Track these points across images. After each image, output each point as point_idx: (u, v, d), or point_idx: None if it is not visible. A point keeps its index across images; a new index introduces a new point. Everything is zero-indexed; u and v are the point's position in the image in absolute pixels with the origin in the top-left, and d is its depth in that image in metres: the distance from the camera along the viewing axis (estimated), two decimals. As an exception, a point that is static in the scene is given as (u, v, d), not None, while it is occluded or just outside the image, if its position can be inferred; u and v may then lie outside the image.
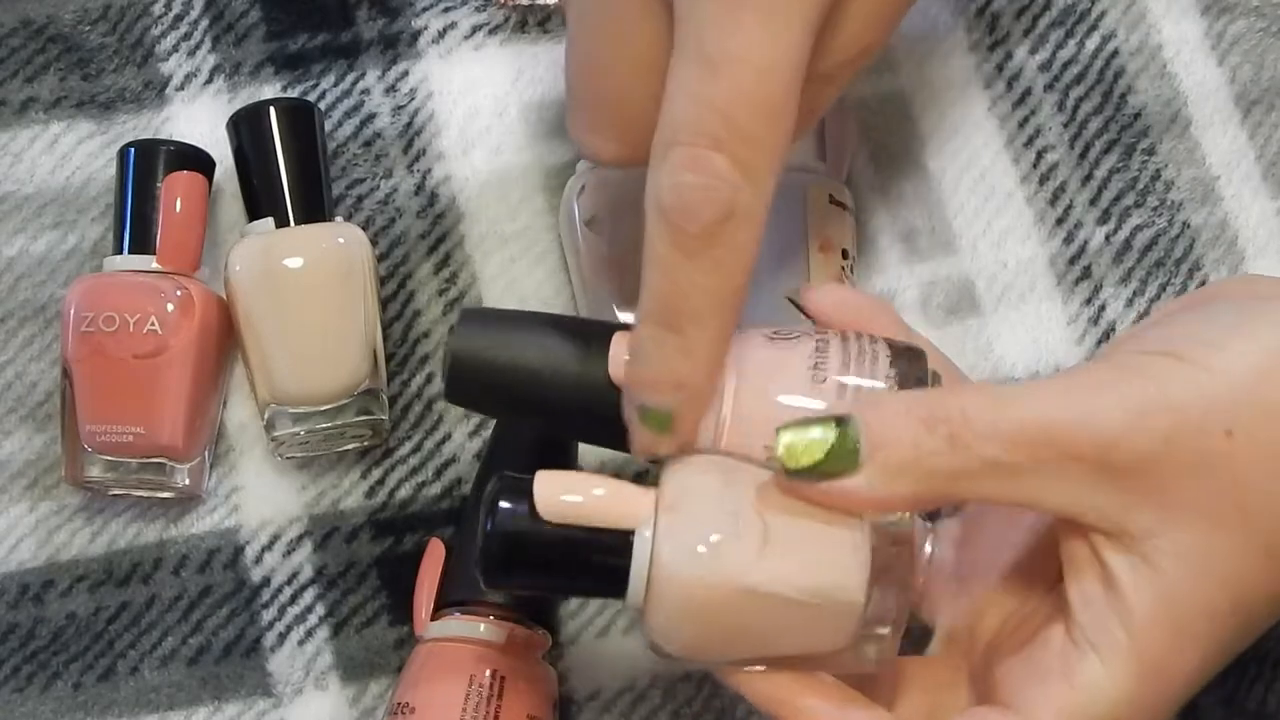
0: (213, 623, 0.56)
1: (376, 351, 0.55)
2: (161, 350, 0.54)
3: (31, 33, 0.60)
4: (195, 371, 0.54)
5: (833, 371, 0.43)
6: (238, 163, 0.57)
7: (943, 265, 0.59)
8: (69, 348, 0.54)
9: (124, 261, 0.55)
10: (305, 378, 0.55)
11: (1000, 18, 0.62)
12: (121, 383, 0.54)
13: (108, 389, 0.54)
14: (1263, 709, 0.56)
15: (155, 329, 0.54)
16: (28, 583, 0.56)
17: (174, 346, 0.54)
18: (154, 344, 0.54)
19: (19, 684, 0.55)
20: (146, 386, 0.54)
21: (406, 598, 0.55)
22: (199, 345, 0.54)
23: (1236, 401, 0.41)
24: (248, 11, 0.61)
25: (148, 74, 0.60)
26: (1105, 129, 0.61)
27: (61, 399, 0.55)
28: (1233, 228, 0.60)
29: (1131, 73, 0.61)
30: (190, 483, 0.55)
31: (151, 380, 0.54)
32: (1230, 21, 0.62)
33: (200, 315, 0.54)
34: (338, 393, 0.54)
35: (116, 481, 0.55)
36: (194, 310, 0.54)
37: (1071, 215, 0.60)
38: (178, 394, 0.54)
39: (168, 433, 0.54)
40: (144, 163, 0.56)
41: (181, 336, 0.54)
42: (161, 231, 0.55)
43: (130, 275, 0.55)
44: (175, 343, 0.54)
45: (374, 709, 0.55)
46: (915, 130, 0.61)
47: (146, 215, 0.55)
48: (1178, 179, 0.61)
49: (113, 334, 0.54)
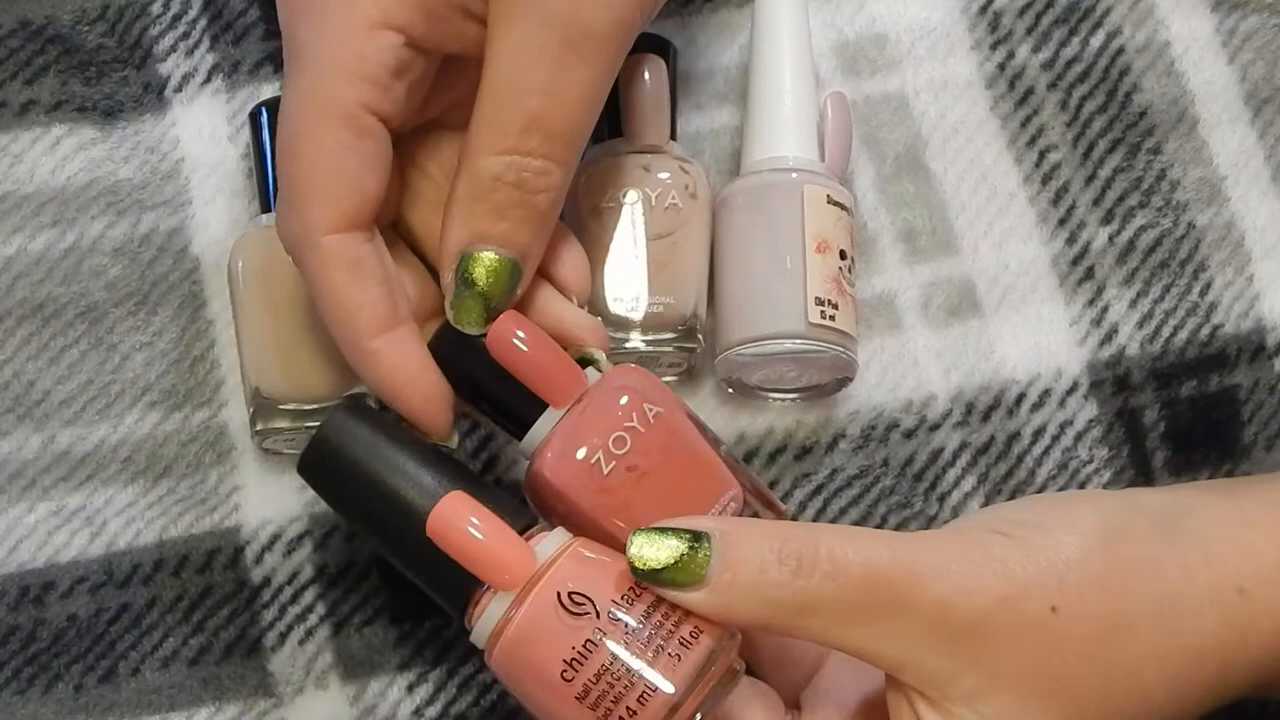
0: (213, 623, 0.57)
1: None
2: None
3: (30, 33, 0.61)
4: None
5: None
6: (255, 155, 0.59)
7: (944, 266, 0.61)
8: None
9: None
10: (296, 375, 0.56)
11: (1002, 16, 0.63)
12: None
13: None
14: (1264, 709, 0.57)
15: None
16: (28, 584, 0.57)
17: None
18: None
19: (20, 686, 0.57)
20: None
21: (407, 597, 0.57)
22: None
23: (1061, 578, 0.45)
24: (246, 10, 0.62)
25: (147, 74, 0.61)
26: (1109, 128, 0.62)
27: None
28: (1239, 228, 0.61)
29: (1137, 70, 0.62)
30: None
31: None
32: (1242, 18, 0.63)
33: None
34: (327, 393, 0.56)
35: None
36: None
37: (1074, 216, 0.61)
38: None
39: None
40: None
41: None
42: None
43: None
44: None
45: (374, 707, 0.57)
46: (916, 130, 0.62)
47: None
48: (1184, 179, 0.62)
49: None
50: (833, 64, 0.62)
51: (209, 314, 0.60)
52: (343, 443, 0.49)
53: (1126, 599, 0.46)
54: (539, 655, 0.46)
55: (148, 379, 0.59)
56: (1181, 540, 0.48)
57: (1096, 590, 0.46)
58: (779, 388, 0.59)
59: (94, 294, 0.60)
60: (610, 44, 0.50)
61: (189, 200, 0.61)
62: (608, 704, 0.46)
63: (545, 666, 0.46)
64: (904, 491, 0.59)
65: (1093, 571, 0.46)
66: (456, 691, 0.57)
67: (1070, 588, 0.46)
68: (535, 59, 0.48)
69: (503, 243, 0.50)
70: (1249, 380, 0.61)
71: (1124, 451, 0.60)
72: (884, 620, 0.45)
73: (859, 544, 0.46)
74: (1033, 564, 0.46)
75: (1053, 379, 0.60)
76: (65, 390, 0.59)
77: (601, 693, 0.46)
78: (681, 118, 0.61)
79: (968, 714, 0.46)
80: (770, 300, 0.56)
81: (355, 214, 0.49)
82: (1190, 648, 0.47)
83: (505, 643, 0.47)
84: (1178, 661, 0.47)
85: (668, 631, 0.46)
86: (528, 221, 0.50)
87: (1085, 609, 0.46)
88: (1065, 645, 0.46)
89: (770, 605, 0.46)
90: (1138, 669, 0.46)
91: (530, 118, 0.49)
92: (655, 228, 0.57)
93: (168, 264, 0.60)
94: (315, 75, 0.49)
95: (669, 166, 0.58)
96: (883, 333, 0.60)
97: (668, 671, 0.46)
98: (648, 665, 0.46)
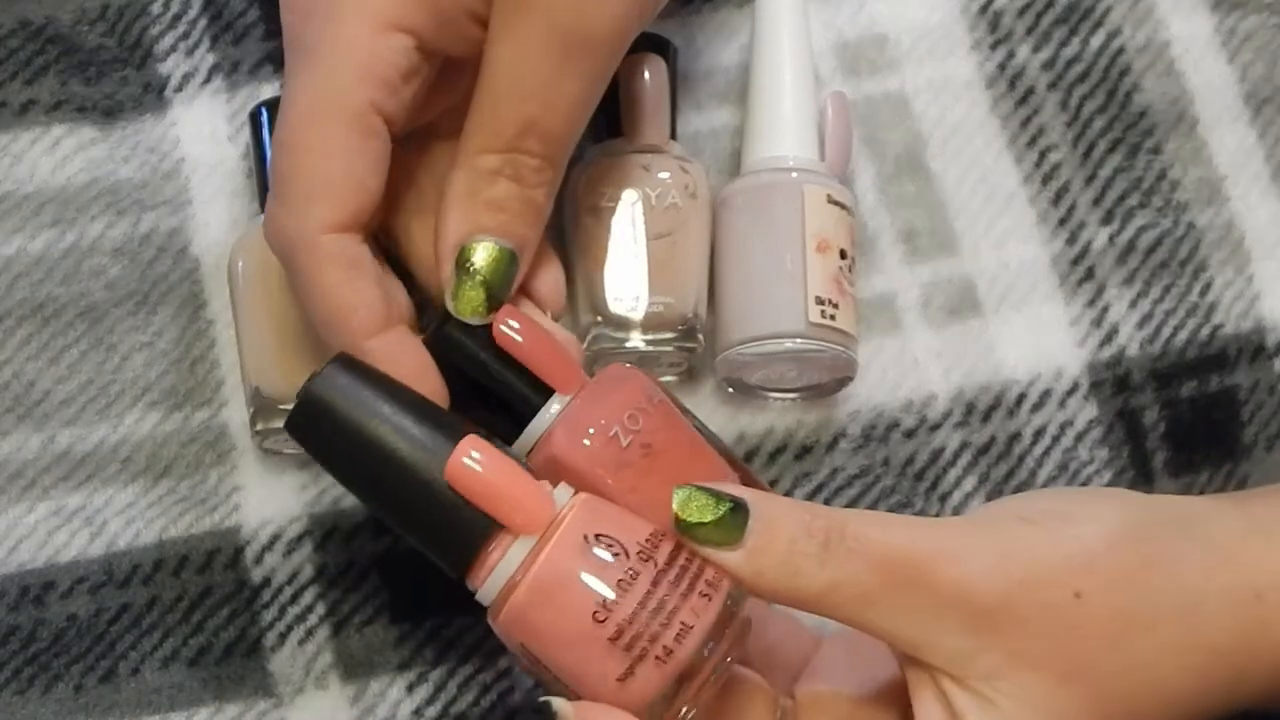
0: (213, 623, 0.57)
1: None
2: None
3: (30, 33, 0.61)
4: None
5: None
6: (255, 155, 0.59)
7: (944, 266, 0.61)
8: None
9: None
10: (296, 375, 0.55)
11: (1002, 16, 0.63)
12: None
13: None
14: (1265, 709, 0.56)
15: None
16: (28, 584, 0.57)
17: None
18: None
19: (20, 686, 0.57)
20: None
21: (406, 597, 0.57)
22: None
23: (1087, 566, 0.46)
24: (246, 11, 0.62)
25: (147, 74, 0.62)
26: (1109, 128, 0.62)
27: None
28: (1239, 229, 0.61)
29: (1137, 70, 0.63)
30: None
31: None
32: (1242, 18, 0.63)
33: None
34: None
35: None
36: None
37: (1074, 216, 0.61)
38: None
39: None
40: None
41: None
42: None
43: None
44: None
45: (374, 707, 0.57)
46: (916, 130, 0.62)
47: None
48: (1184, 179, 0.62)
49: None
50: (833, 64, 0.63)
51: (209, 314, 0.60)
52: (334, 398, 0.47)
53: (1149, 593, 0.47)
54: (568, 599, 0.45)
55: (148, 379, 0.60)
56: (1201, 543, 0.49)
57: (1121, 581, 0.47)
58: (779, 387, 0.59)
59: (94, 294, 0.60)
60: (609, 50, 0.50)
61: (189, 200, 0.61)
62: (643, 644, 0.45)
63: (575, 611, 0.45)
64: (904, 491, 0.60)
65: (1118, 563, 0.47)
66: (456, 691, 0.57)
67: (1096, 576, 0.47)
68: (536, 64, 0.49)
69: (502, 233, 0.50)
70: (1249, 380, 0.61)
71: (1124, 452, 0.60)
72: (906, 599, 0.46)
73: (884, 525, 0.47)
74: (1058, 551, 0.47)
75: (1053, 379, 0.60)
76: (65, 390, 0.59)
77: (637, 633, 0.45)
78: (681, 118, 0.61)
79: (988, 691, 0.46)
80: (770, 300, 0.56)
81: (355, 215, 0.49)
82: (1208, 647, 0.47)
83: (526, 592, 0.46)
84: (1196, 659, 0.47)
85: (694, 573, 0.46)
86: (525, 214, 0.50)
87: (1109, 598, 0.47)
88: (1088, 631, 0.46)
89: (798, 576, 0.46)
90: (1157, 661, 0.47)
91: (528, 121, 0.49)
92: (655, 227, 0.57)
93: (168, 264, 0.60)
94: (325, 74, 0.49)
95: (669, 166, 0.58)
96: (883, 333, 0.61)
97: (700, 610, 0.46)
98: (681, 603, 0.46)
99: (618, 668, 0.45)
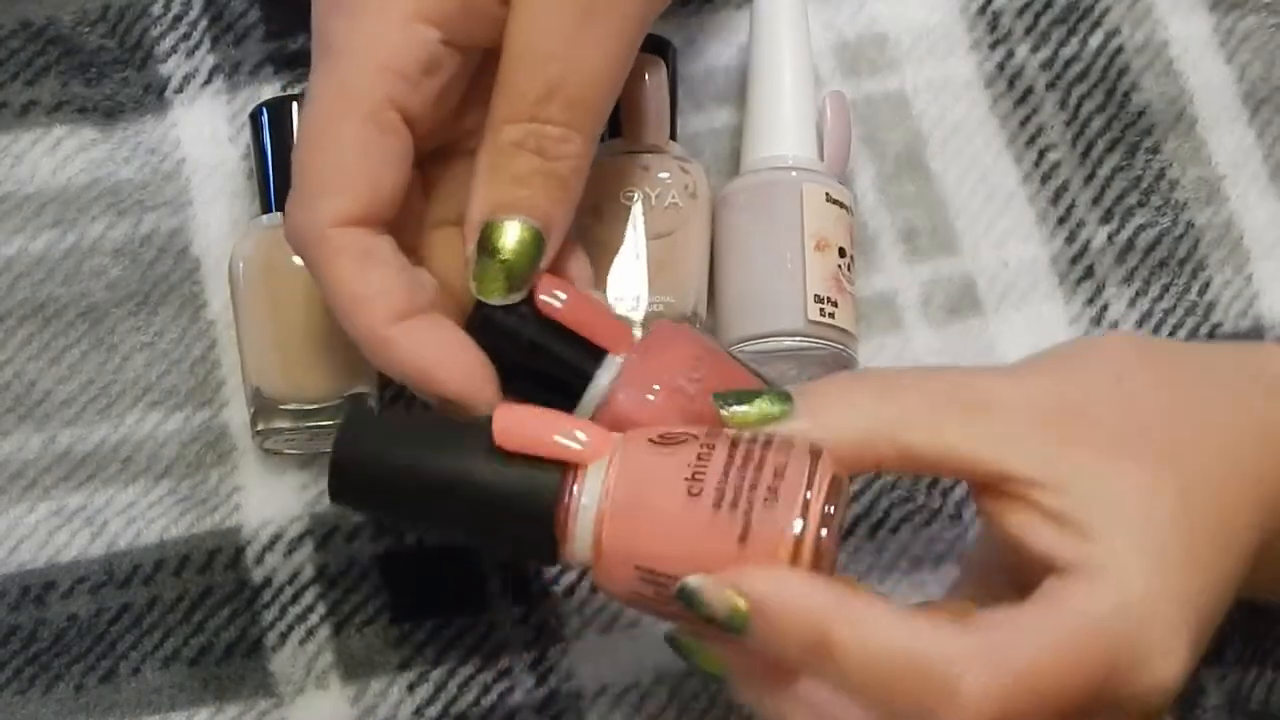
0: (214, 623, 0.57)
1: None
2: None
3: (31, 34, 0.62)
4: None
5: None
6: (255, 155, 0.59)
7: (944, 265, 0.61)
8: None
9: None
10: (296, 375, 0.56)
11: (1002, 16, 0.63)
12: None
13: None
14: (1265, 709, 0.58)
15: None
16: (29, 584, 0.57)
17: None
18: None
19: (21, 686, 0.57)
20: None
21: (407, 597, 0.57)
22: None
23: (1114, 357, 0.48)
24: (246, 11, 0.62)
25: (147, 75, 0.62)
26: (1108, 128, 0.62)
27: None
28: (1238, 228, 0.62)
29: (1136, 70, 0.63)
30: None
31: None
32: (1240, 18, 0.63)
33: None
34: (327, 393, 0.56)
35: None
36: None
37: (1074, 215, 0.62)
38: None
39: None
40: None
41: None
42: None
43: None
44: None
45: (374, 708, 0.57)
46: (916, 130, 0.62)
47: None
48: (1182, 178, 0.62)
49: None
50: (833, 64, 0.63)
51: (209, 314, 0.60)
52: (360, 454, 0.48)
53: (1188, 373, 0.49)
54: (657, 489, 0.45)
55: (148, 379, 0.60)
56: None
57: (1157, 364, 0.48)
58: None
59: (95, 294, 0.60)
60: (629, 10, 0.50)
61: (190, 201, 0.61)
62: (747, 494, 0.45)
63: (668, 497, 0.45)
64: (905, 486, 0.60)
65: (1141, 353, 0.49)
66: (457, 691, 0.58)
67: (1126, 361, 0.48)
68: (554, 25, 0.49)
69: (525, 211, 0.49)
70: (1248, 379, 0.61)
71: (1124, 450, 0.61)
72: (976, 417, 0.46)
73: (935, 369, 0.50)
74: (1089, 352, 0.49)
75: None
76: (66, 390, 0.60)
77: (736, 486, 0.45)
78: (681, 118, 0.61)
79: (1080, 492, 0.46)
80: (770, 298, 0.56)
81: (367, 210, 0.49)
82: (1252, 425, 0.48)
83: (614, 506, 0.46)
84: (1246, 432, 0.48)
85: (766, 437, 0.46)
86: (549, 189, 0.49)
87: (1145, 375, 0.48)
88: (1142, 404, 0.47)
89: (867, 419, 0.46)
90: (1219, 425, 0.47)
91: (549, 84, 0.49)
92: (655, 227, 0.58)
93: (168, 264, 0.61)
94: (345, 67, 0.49)
95: (669, 166, 0.58)
96: (883, 332, 0.61)
97: (785, 450, 0.45)
98: (765, 453, 0.45)
99: (734, 529, 0.45)
